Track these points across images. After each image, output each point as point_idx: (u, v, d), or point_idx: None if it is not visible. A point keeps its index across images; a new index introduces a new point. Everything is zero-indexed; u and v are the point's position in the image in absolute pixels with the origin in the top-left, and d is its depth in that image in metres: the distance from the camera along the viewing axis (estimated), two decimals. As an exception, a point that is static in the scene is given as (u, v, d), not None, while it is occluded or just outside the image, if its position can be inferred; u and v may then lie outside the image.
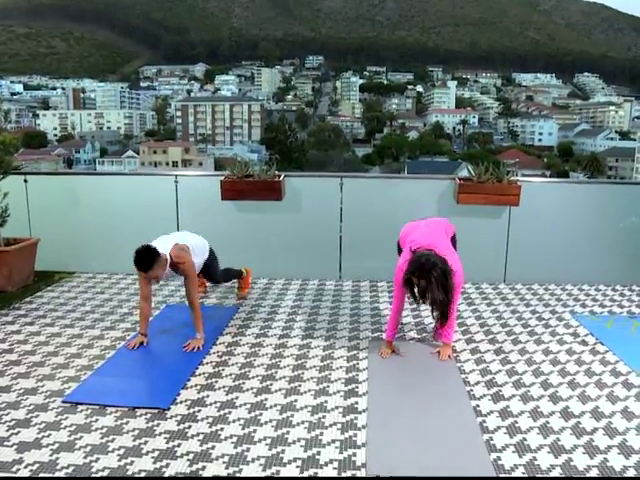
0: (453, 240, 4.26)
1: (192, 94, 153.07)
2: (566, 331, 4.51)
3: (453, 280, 3.61)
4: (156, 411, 3.26)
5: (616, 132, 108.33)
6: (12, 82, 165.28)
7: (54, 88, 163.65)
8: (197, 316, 4.16)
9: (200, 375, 3.72)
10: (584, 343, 4.28)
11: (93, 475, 2.68)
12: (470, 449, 2.91)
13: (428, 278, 3.52)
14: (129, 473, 2.69)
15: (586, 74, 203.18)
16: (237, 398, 3.42)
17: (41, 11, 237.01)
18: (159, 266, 3.95)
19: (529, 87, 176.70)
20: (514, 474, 2.70)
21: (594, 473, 2.71)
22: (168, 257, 4.03)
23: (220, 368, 3.82)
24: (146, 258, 3.90)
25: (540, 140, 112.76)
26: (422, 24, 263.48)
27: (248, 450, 2.89)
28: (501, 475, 2.70)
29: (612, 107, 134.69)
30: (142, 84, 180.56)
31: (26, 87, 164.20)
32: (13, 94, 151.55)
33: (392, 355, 4.01)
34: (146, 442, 2.95)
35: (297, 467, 2.75)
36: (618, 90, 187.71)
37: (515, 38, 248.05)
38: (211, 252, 4.64)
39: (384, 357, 3.96)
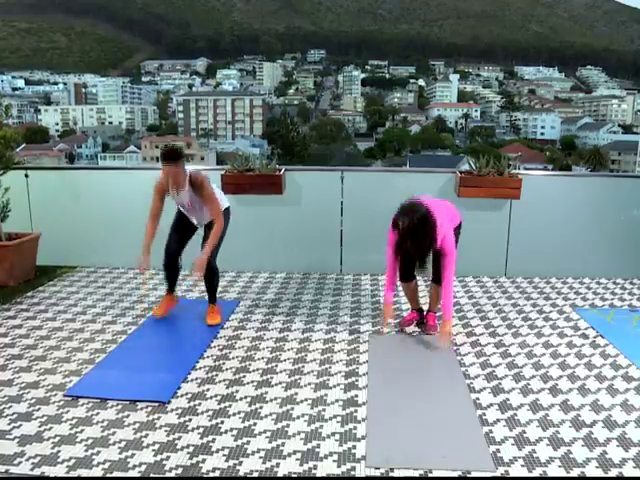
0: (457, 230, 4.23)
1: (194, 89, 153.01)
2: (567, 324, 4.51)
3: (435, 228, 3.80)
4: (157, 404, 3.27)
5: (619, 125, 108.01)
6: (14, 77, 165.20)
7: (56, 83, 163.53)
8: (213, 235, 4.21)
9: (201, 369, 3.73)
10: (584, 336, 4.28)
11: (94, 467, 2.69)
12: (470, 442, 2.92)
13: (410, 218, 3.76)
14: (130, 466, 2.70)
15: (589, 67, 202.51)
16: (237, 391, 3.43)
17: (42, 6, 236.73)
18: (181, 166, 4.13)
19: (531, 80, 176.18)
20: (513, 466, 2.71)
21: (593, 466, 2.72)
22: (187, 173, 4.18)
23: (221, 362, 3.83)
24: (173, 152, 4.14)
25: (543, 134, 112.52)
26: (424, 17, 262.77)
27: (248, 443, 2.90)
28: (500, 468, 2.71)
29: (615, 100, 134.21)
30: (144, 79, 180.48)
31: (28, 82, 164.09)
32: (15, 89, 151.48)
33: (392, 347, 4.02)
34: (147, 435, 2.96)
35: (297, 460, 2.76)
36: (621, 83, 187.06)
37: (517, 31, 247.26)
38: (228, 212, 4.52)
39: (385, 333, 4.00)
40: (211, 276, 4.49)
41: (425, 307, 4.49)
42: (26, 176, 5.97)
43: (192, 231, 4.54)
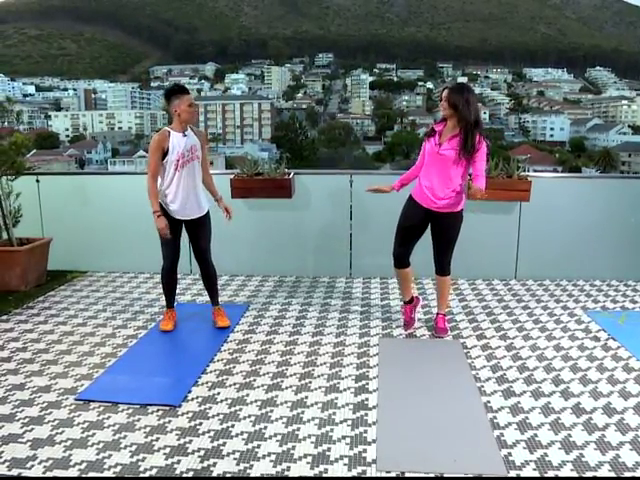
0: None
1: (202, 93, 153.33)
2: (578, 327, 4.49)
3: (479, 113, 3.99)
4: (167, 408, 3.28)
5: (629, 127, 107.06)
6: (24, 84, 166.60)
7: (66, 89, 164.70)
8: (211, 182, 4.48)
9: (211, 372, 3.74)
10: (596, 339, 4.25)
11: (105, 471, 2.70)
12: (481, 445, 2.91)
13: (459, 89, 3.97)
14: (141, 469, 2.71)
15: (598, 68, 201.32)
16: (248, 395, 3.43)
17: (52, 13, 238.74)
18: None
19: (540, 82, 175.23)
20: (525, 470, 2.69)
21: (606, 469, 2.69)
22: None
23: (231, 365, 3.84)
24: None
25: (552, 136, 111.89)
26: (432, 20, 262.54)
27: (259, 447, 2.90)
28: (512, 471, 2.69)
29: (624, 101, 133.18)
30: (152, 84, 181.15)
31: (38, 89, 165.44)
32: (25, 96, 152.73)
33: (402, 350, 4.03)
34: (158, 439, 2.97)
35: (307, 463, 2.75)
36: (630, 84, 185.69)
37: (525, 33, 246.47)
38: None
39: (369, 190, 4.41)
40: (212, 275, 4.49)
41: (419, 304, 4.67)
42: (37, 181, 6.02)
43: (179, 233, 4.35)
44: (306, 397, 3.40)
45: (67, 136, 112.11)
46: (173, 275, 4.43)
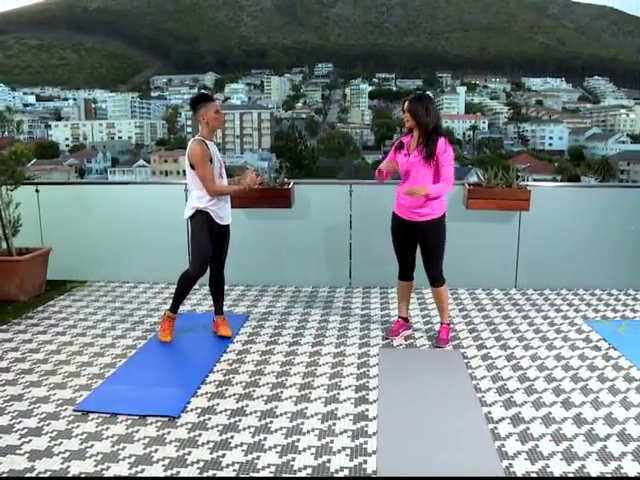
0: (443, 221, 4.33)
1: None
2: (578, 336, 4.47)
3: (438, 120, 4.11)
4: (166, 419, 3.26)
5: (627, 135, 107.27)
6: (25, 93, 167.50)
7: (66, 99, 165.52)
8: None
9: (210, 383, 3.72)
10: (597, 348, 4.24)
11: (104, 483, 2.69)
12: (482, 456, 2.89)
13: (419, 99, 4.12)
14: (140, 481, 2.69)
15: (596, 77, 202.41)
16: (247, 406, 3.42)
17: (53, 23, 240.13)
18: None
19: (539, 92, 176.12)
20: (526, 481, 2.67)
21: (608, 480, 2.68)
22: None
23: (230, 376, 3.82)
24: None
25: (551, 145, 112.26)
26: (430, 30, 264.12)
27: (258, 458, 2.88)
28: (513, 482, 2.67)
29: (623, 110, 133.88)
30: (153, 94, 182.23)
31: (38, 98, 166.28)
32: (26, 105, 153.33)
33: (403, 360, 4.01)
34: (157, 450, 2.95)
35: (307, 475, 2.73)
36: (629, 93, 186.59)
37: (524, 43, 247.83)
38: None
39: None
40: (222, 282, 4.57)
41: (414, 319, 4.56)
42: (37, 191, 6.02)
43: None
44: (306, 408, 3.38)
45: (67, 145, 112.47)
46: (195, 284, 4.41)
